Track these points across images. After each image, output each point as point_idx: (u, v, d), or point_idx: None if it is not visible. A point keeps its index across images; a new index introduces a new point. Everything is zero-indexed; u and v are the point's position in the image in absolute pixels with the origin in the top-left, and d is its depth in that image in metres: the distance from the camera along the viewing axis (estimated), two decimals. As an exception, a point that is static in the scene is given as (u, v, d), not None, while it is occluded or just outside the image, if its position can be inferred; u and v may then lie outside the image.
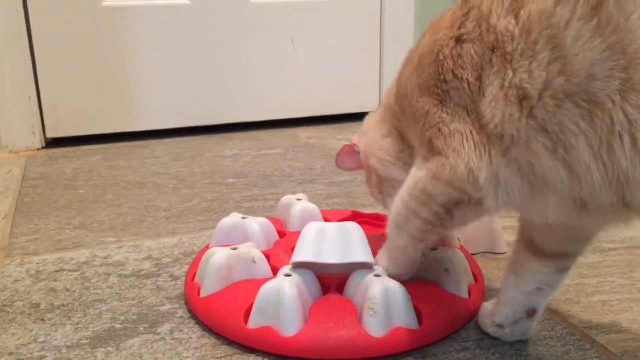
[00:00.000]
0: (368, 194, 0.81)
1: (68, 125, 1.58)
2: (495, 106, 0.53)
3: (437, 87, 0.58)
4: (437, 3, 1.85)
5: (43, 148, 1.56)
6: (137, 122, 1.64)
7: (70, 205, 1.16)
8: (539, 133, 0.51)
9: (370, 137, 0.76)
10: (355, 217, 0.97)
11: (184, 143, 1.60)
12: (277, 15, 1.70)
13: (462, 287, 0.75)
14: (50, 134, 1.58)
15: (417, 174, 0.62)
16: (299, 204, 0.93)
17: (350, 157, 0.82)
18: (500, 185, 0.55)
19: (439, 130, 0.58)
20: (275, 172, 1.35)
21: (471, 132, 0.55)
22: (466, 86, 0.55)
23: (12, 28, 1.47)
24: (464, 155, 0.56)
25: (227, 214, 0.89)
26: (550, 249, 0.65)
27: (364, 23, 1.79)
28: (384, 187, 0.76)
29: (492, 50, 0.53)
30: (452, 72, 0.57)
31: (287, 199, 0.96)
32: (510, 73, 0.51)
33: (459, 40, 0.56)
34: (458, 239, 0.86)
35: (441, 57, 0.58)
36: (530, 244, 0.65)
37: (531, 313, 0.68)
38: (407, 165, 0.71)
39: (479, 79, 0.54)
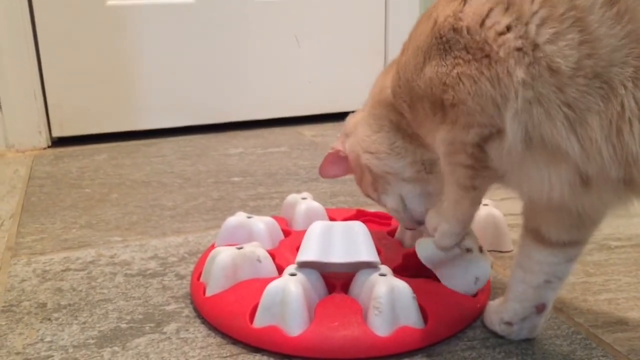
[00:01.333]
0: (361, 193, 0.82)
1: (73, 124, 1.59)
2: (518, 57, 0.53)
3: (437, 47, 0.59)
4: None
5: (49, 147, 1.57)
6: (142, 120, 1.65)
7: (76, 204, 1.16)
8: (565, 106, 0.52)
9: (360, 135, 0.77)
10: (360, 215, 0.98)
11: (189, 141, 1.60)
12: (281, 13, 1.70)
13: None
14: (56, 133, 1.58)
15: (446, 135, 0.62)
16: (303, 203, 0.93)
17: (335, 165, 0.83)
18: (518, 123, 0.55)
19: (444, 83, 0.59)
20: (281, 171, 1.35)
21: (478, 69, 0.56)
22: (465, 32, 0.56)
23: (17, 28, 1.48)
24: (480, 91, 0.56)
25: (233, 213, 0.90)
26: (557, 236, 0.65)
27: (368, 20, 1.79)
28: (378, 184, 0.77)
29: (507, 6, 0.53)
30: (453, 27, 0.57)
31: (292, 197, 0.96)
32: (532, 29, 0.52)
33: (463, 1, 0.57)
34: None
35: (441, 19, 0.58)
36: (537, 234, 0.65)
37: (540, 308, 0.68)
38: (400, 156, 0.74)
39: (481, 23, 0.55)
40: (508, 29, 0.53)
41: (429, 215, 0.71)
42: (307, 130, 1.70)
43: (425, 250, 0.72)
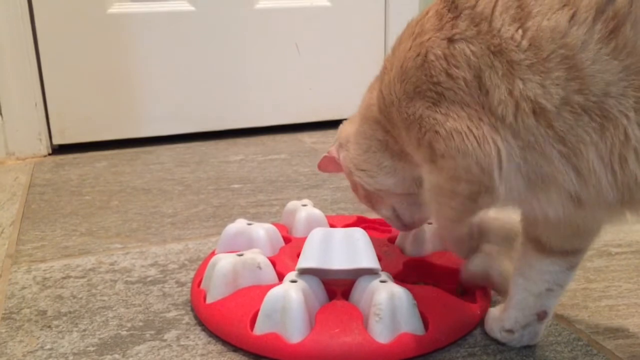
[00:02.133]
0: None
1: (74, 131, 1.59)
2: (505, 109, 0.53)
3: (430, 89, 0.58)
4: (441, 7, 1.85)
5: (49, 155, 1.57)
6: (142, 128, 1.65)
7: (77, 211, 1.16)
8: (556, 142, 0.52)
9: (351, 152, 0.77)
10: (360, 222, 0.98)
11: (189, 149, 1.61)
12: (281, 21, 1.70)
13: None
14: (57, 141, 1.59)
15: (434, 179, 0.62)
16: (304, 210, 0.93)
17: (330, 164, 0.85)
18: (510, 177, 0.56)
19: (436, 132, 0.58)
20: (281, 178, 1.35)
21: (469, 127, 0.56)
22: (462, 84, 0.55)
23: (18, 35, 1.48)
24: (472, 154, 0.56)
25: (233, 220, 0.90)
26: (558, 245, 0.64)
27: (368, 28, 1.80)
28: (371, 197, 0.78)
29: (495, 54, 0.53)
30: (446, 72, 0.56)
31: (292, 204, 0.97)
32: (519, 82, 0.52)
33: (451, 40, 0.56)
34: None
35: (431, 58, 0.57)
36: (537, 243, 0.65)
37: (542, 316, 0.68)
38: (390, 175, 0.73)
39: (478, 78, 0.54)
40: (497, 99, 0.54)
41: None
42: (308, 137, 1.70)
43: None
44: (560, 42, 0.50)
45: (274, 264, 0.79)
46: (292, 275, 0.72)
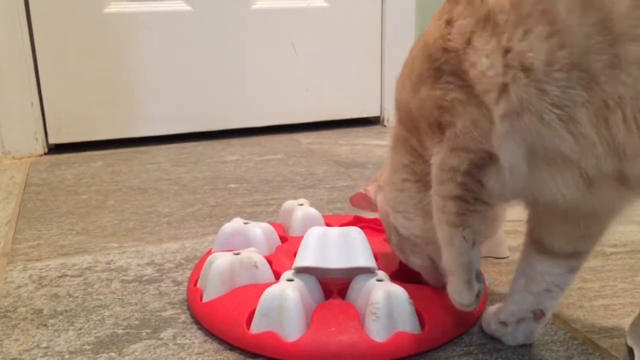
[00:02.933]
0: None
1: (70, 131, 1.59)
2: (494, 59, 0.54)
3: (430, 69, 0.60)
4: (438, 7, 1.85)
5: (45, 154, 1.57)
6: (138, 127, 1.65)
7: (73, 210, 1.16)
8: (552, 107, 0.52)
9: (387, 195, 0.74)
10: (357, 221, 0.98)
11: (186, 149, 1.61)
12: (278, 21, 1.71)
13: None
14: (53, 140, 1.58)
15: (436, 158, 0.62)
16: (300, 209, 0.93)
17: (363, 201, 0.80)
18: (509, 142, 0.55)
19: (440, 107, 0.59)
20: (277, 178, 1.35)
21: (467, 94, 0.57)
22: (454, 54, 0.57)
23: (14, 34, 1.48)
24: (467, 115, 0.57)
25: (229, 219, 0.90)
26: (561, 248, 0.65)
27: (365, 28, 1.80)
28: (404, 246, 0.74)
29: (485, 20, 0.55)
30: (442, 48, 0.58)
31: (288, 204, 0.97)
32: (505, 36, 0.53)
33: (449, 22, 0.58)
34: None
35: (430, 42, 0.60)
36: (540, 245, 0.65)
37: (538, 314, 0.68)
38: (428, 215, 0.68)
39: (468, 42, 0.56)
40: (487, 56, 0.54)
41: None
42: (304, 138, 1.70)
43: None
44: None
45: (270, 263, 0.79)
46: (288, 274, 0.72)
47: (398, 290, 0.68)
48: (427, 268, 0.74)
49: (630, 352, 0.67)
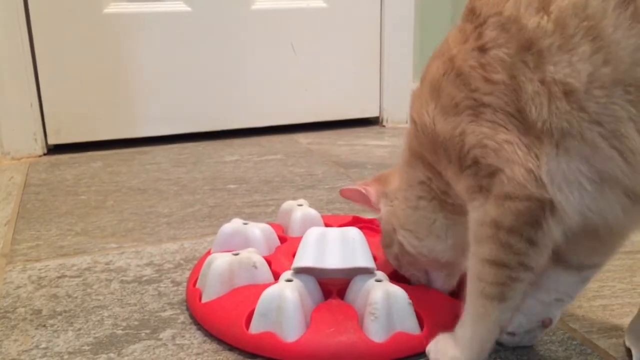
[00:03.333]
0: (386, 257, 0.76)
1: (69, 131, 1.59)
2: (540, 102, 0.52)
3: (468, 98, 0.55)
4: (436, 9, 1.85)
5: (45, 154, 1.57)
6: (138, 128, 1.65)
7: (72, 211, 1.16)
8: (592, 124, 0.50)
9: (397, 210, 0.70)
10: (356, 222, 0.98)
11: (185, 149, 1.61)
12: (277, 22, 1.71)
13: None
14: (52, 141, 1.58)
15: (478, 212, 0.56)
16: (299, 210, 0.93)
17: (356, 196, 0.77)
18: (567, 182, 0.52)
19: (484, 146, 0.54)
20: (276, 178, 1.35)
21: (519, 137, 0.53)
22: (502, 87, 0.53)
23: (14, 35, 1.48)
24: (519, 160, 0.52)
25: (228, 220, 0.90)
26: (579, 261, 0.63)
27: (364, 29, 1.80)
28: (404, 258, 0.72)
29: (527, 49, 0.52)
30: (484, 78, 0.55)
31: (287, 204, 0.97)
32: (550, 67, 0.51)
33: (482, 49, 0.55)
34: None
35: (466, 70, 0.56)
36: (557, 256, 0.62)
37: (547, 322, 0.68)
38: (441, 239, 0.66)
39: (514, 77, 0.53)
40: (536, 94, 0.51)
41: (436, 342, 0.63)
42: (303, 138, 1.70)
43: None
44: (582, 14, 0.49)
45: (269, 263, 0.79)
46: (287, 274, 0.72)
47: (397, 291, 0.68)
48: (422, 280, 0.74)
49: (629, 352, 0.67)
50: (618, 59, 0.48)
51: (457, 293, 0.78)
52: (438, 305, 0.72)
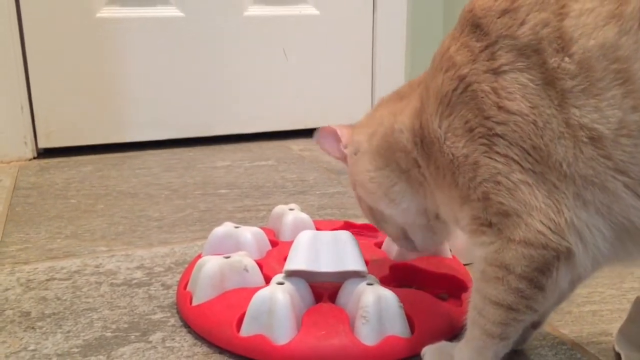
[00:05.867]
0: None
1: (60, 135, 1.58)
2: (566, 144, 0.49)
3: (482, 125, 0.52)
4: (429, 16, 1.87)
5: (35, 158, 1.56)
6: (129, 133, 1.64)
7: (62, 214, 1.15)
8: (617, 173, 0.48)
9: (360, 166, 0.68)
10: (347, 227, 0.98)
11: (176, 154, 1.60)
12: (269, 28, 1.71)
13: None
14: (42, 144, 1.57)
15: (487, 250, 0.53)
16: (291, 214, 0.93)
17: (330, 141, 0.75)
18: (586, 232, 0.50)
19: (497, 183, 0.51)
20: (268, 184, 1.35)
21: (536, 179, 0.50)
22: (519, 119, 0.50)
23: (5, 38, 1.48)
24: (538, 205, 0.50)
25: (220, 224, 0.89)
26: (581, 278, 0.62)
27: (356, 35, 1.81)
28: (375, 214, 0.71)
29: (549, 84, 0.49)
30: (497, 105, 0.51)
31: (279, 208, 0.97)
32: (575, 111, 0.48)
33: (496, 71, 0.51)
34: (450, 249, 0.87)
35: (480, 94, 0.52)
36: None
37: (536, 325, 0.68)
38: (394, 203, 0.66)
39: (536, 107, 0.49)
40: (560, 137, 0.49)
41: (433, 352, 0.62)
42: (295, 145, 1.71)
43: None
44: (612, 56, 0.46)
45: (260, 267, 0.79)
46: (279, 277, 0.72)
47: (388, 294, 0.68)
48: (400, 237, 0.73)
49: (618, 357, 0.67)
50: None
51: (448, 298, 0.78)
52: (429, 309, 0.72)
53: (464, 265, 0.90)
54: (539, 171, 0.50)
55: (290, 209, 0.95)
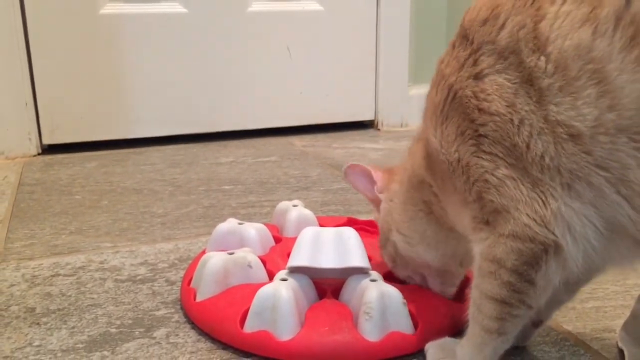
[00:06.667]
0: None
1: (64, 131, 1.59)
2: (546, 139, 0.50)
3: (469, 128, 0.54)
4: (432, 13, 1.86)
5: (39, 154, 1.57)
6: (133, 129, 1.65)
7: (66, 210, 1.16)
8: (598, 169, 0.49)
9: (395, 215, 0.70)
10: (350, 223, 0.98)
11: (180, 150, 1.61)
12: (273, 24, 1.71)
13: None
14: (47, 141, 1.58)
15: (482, 246, 0.55)
16: (294, 210, 0.94)
17: (360, 174, 0.76)
18: (574, 222, 0.51)
19: (485, 181, 0.53)
20: (271, 180, 1.35)
21: (521, 173, 0.52)
22: (497, 119, 0.52)
23: (9, 34, 1.48)
24: (523, 198, 0.51)
25: (223, 220, 0.90)
26: (577, 277, 0.61)
27: (360, 32, 1.80)
28: (399, 260, 0.73)
29: (527, 82, 0.51)
30: (478, 108, 0.53)
31: (283, 205, 0.97)
32: (552, 107, 0.50)
33: (477, 76, 0.54)
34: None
35: (464, 100, 0.54)
36: None
37: (537, 323, 0.68)
38: (430, 246, 0.68)
39: (513, 106, 0.51)
40: (539, 134, 0.50)
41: (432, 354, 0.64)
42: (298, 141, 1.71)
43: None
44: (587, 57, 0.48)
45: (264, 263, 0.79)
46: (282, 273, 0.72)
47: (391, 291, 0.69)
48: (418, 282, 0.74)
49: (621, 353, 0.67)
50: (623, 105, 0.47)
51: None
52: (432, 305, 0.72)
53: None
54: (521, 166, 0.52)
55: (294, 205, 0.95)
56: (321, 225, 0.93)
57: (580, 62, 0.48)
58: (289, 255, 0.76)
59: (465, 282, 0.79)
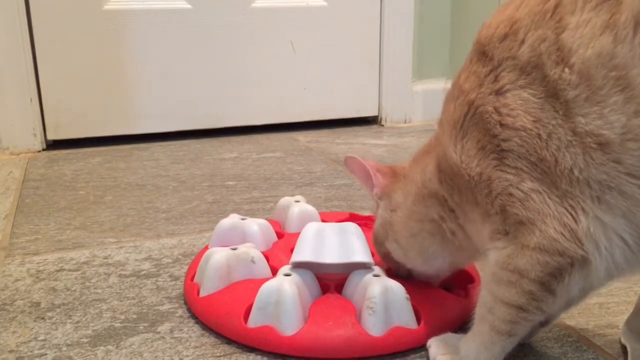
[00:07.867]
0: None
1: (69, 127, 1.59)
2: (575, 152, 0.50)
3: (491, 143, 0.54)
4: (436, 8, 1.86)
5: (44, 150, 1.57)
6: (136, 124, 1.65)
7: (71, 206, 1.16)
8: (630, 177, 0.49)
9: (395, 225, 0.69)
10: (352, 219, 0.98)
11: (184, 146, 1.61)
12: (277, 20, 1.71)
13: None
14: (51, 136, 1.58)
15: (500, 254, 0.55)
16: (297, 206, 0.94)
17: (358, 169, 0.75)
18: (603, 237, 0.51)
19: (510, 195, 0.53)
20: (275, 175, 1.36)
21: (548, 187, 0.51)
22: (523, 134, 0.52)
23: (14, 30, 1.48)
24: (551, 212, 0.51)
25: (227, 216, 0.90)
26: (592, 284, 0.61)
27: (364, 28, 1.80)
28: (390, 259, 0.73)
29: (552, 96, 0.51)
30: (500, 123, 0.53)
31: (285, 200, 0.97)
32: (580, 119, 0.50)
33: (499, 92, 0.54)
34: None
35: (485, 116, 0.54)
36: None
37: (544, 323, 0.68)
38: (428, 262, 0.68)
39: (539, 120, 0.51)
40: (567, 147, 0.50)
41: (435, 350, 0.64)
42: (302, 137, 1.71)
43: None
44: (609, 64, 0.48)
45: (267, 258, 0.80)
46: (285, 268, 0.73)
47: (395, 285, 0.69)
48: (404, 275, 0.74)
49: (624, 349, 0.67)
50: None
51: (452, 288, 0.78)
52: (435, 300, 0.73)
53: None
54: (548, 180, 0.52)
55: (296, 201, 0.95)
56: (323, 221, 0.94)
57: (604, 70, 0.48)
58: (291, 250, 0.76)
59: (469, 279, 0.79)
